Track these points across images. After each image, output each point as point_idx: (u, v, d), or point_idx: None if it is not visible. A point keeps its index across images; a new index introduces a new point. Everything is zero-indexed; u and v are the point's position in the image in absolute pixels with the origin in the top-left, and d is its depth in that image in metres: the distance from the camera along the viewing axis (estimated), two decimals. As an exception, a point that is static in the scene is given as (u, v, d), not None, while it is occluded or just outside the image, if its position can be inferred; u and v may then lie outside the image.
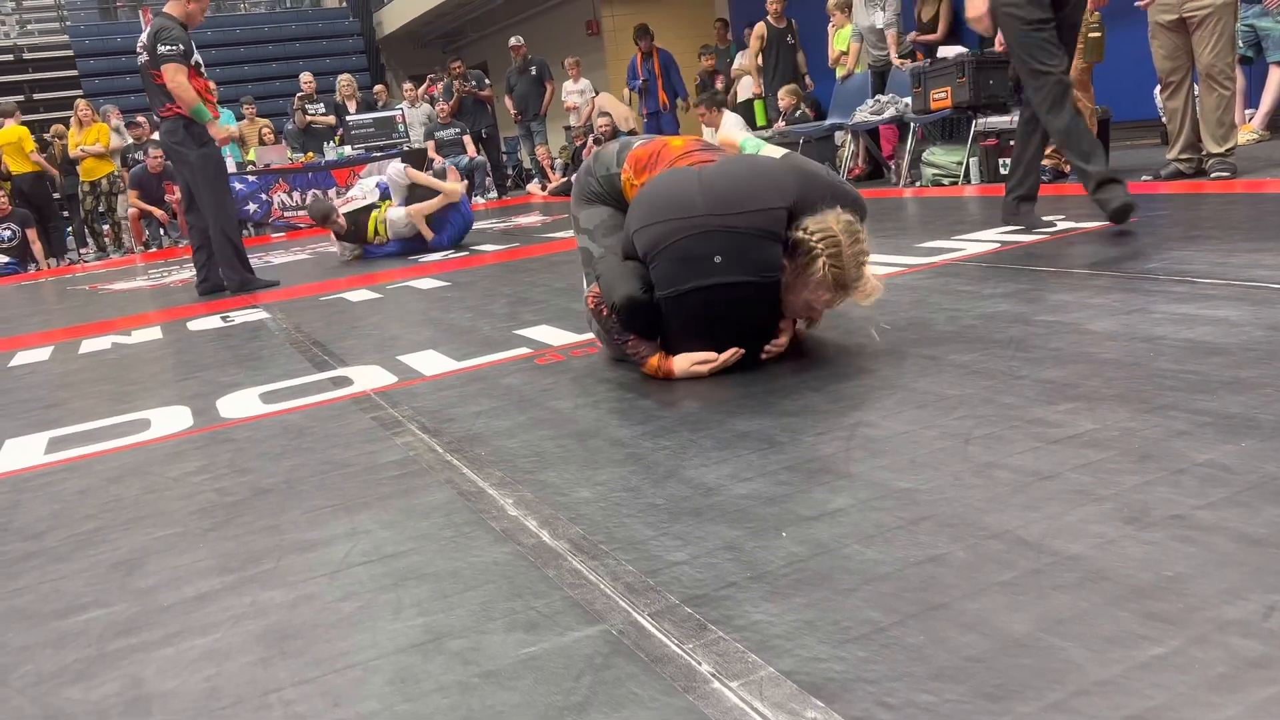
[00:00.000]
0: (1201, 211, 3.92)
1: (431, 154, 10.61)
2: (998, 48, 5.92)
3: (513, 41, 11.48)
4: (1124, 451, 1.49)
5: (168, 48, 5.18)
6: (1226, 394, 1.68)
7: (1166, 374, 1.83)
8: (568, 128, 11.23)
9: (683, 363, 2.24)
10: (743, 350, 2.24)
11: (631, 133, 10.29)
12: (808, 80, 8.87)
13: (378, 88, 13.44)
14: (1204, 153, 4.79)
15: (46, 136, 11.14)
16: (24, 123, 10.54)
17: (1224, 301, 2.31)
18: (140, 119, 11.19)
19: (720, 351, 2.23)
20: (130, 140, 10.88)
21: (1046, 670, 0.98)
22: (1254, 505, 1.26)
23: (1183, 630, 1.01)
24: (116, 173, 10.58)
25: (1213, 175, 4.67)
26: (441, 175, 7.18)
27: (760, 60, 9.00)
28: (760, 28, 8.93)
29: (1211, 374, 1.80)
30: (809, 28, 9.86)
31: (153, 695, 1.17)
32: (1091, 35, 4.95)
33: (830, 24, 8.63)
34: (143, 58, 5.30)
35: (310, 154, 11.02)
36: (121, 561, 1.62)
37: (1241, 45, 5.65)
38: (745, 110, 9.99)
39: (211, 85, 5.51)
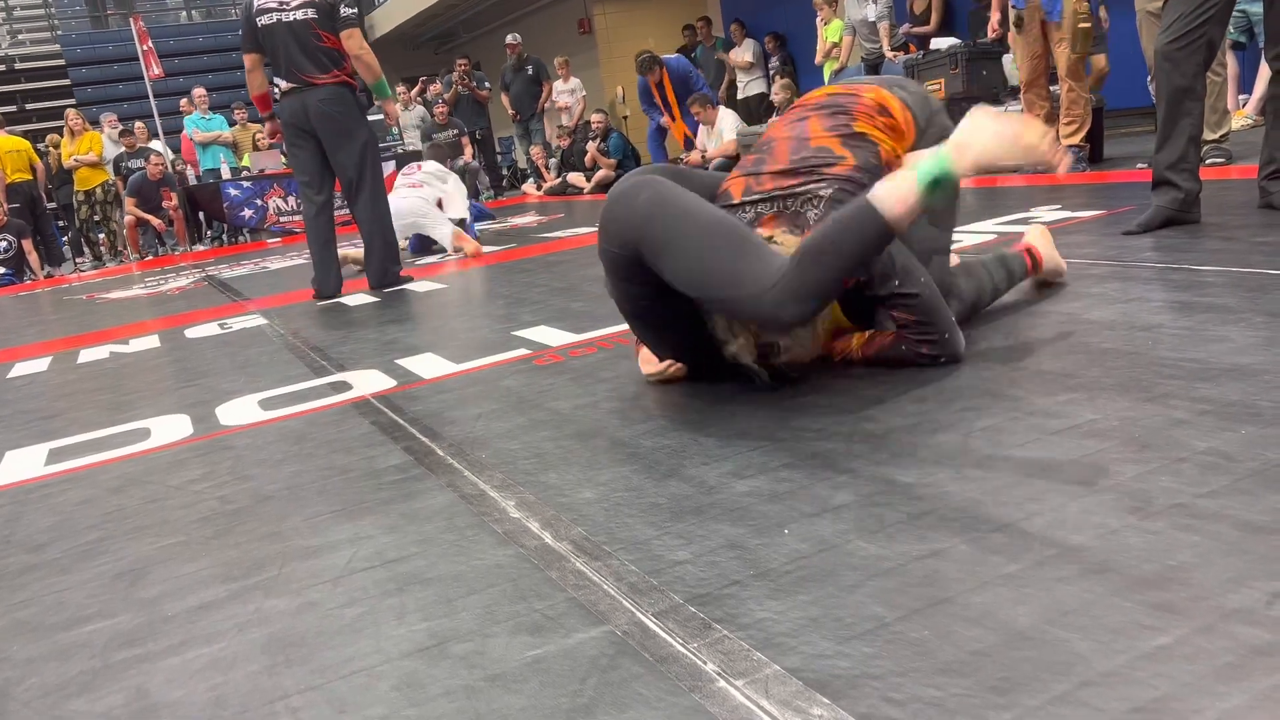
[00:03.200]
0: (1197, 198, 3.92)
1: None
2: (990, 36, 5.91)
3: (509, 39, 11.45)
4: (1125, 441, 1.49)
5: (352, 10, 4.48)
6: (1226, 381, 1.68)
7: (1166, 362, 1.83)
8: (560, 126, 11.19)
9: (644, 355, 2.24)
10: (682, 365, 2.17)
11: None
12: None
13: None
14: (1198, 139, 4.78)
15: (41, 146, 11.13)
16: (15, 133, 10.54)
17: (1222, 288, 2.31)
18: (140, 125, 11.20)
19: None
20: (123, 149, 10.87)
21: (1052, 662, 0.98)
22: (1256, 492, 1.26)
23: (1187, 620, 1.01)
24: (110, 181, 10.57)
25: (1207, 161, 4.66)
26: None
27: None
28: None
29: (1211, 361, 1.80)
30: (798, 21, 9.86)
31: (159, 705, 1.17)
32: (1080, 26, 4.95)
33: (818, 18, 8.63)
34: (301, 14, 4.56)
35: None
36: (125, 572, 1.62)
37: (1234, 31, 5.65)
38: (744, 106, 10.01)
39: None
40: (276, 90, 4.81)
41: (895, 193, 1.68)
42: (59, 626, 1.44)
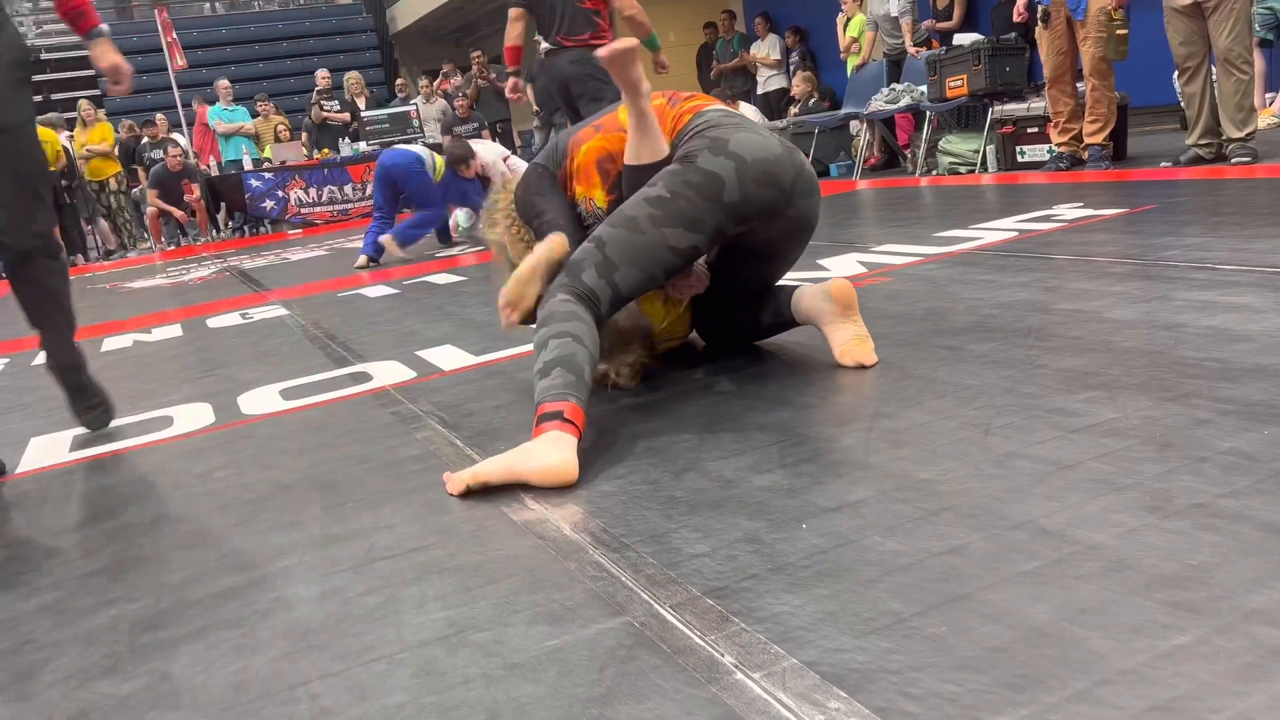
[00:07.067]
0: (1222, 197, 3.89)
1: None
2: (1015, 19, 5.85)
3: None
4: (1146, 440, 1.48)
5: None
6: (1249, 381, 1.67)
7: (1188, 362, 1.82)
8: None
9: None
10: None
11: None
12: None
13: (400, 81, 13.49)
14: (1224, 138, 4.75)
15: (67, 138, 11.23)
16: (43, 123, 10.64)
17: (1245, 288, 2.30)
18: (160, 118, 11.28)
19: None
20: (146, 139, 10.95)
21: (1070, 660, 0.98)
22: (1278, 493, 1.25)
23: (1207, 619, 1.01)
24: (122, 173, 10.65)
25: (1233, 160, 4.63)
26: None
27: None
28: None
29: (1233, 361, 1.78)
30: (820, 16, 9.82)
31: (181, 689, 1.19)
32: (1118, 32, 4.92)
33: (840, 14, 8.59)
34: None
35: (326, 150, 11.07)
36: (148, 557, 1.63)
37: (1260, 28, 5.59)
38: (764, 102, 9.97)
39: None
40: (541, 49, 4.84)
41: None
42: (83, 611, 1.46)
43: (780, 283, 2.34)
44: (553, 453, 1.66)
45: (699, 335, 2.45)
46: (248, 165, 10.76)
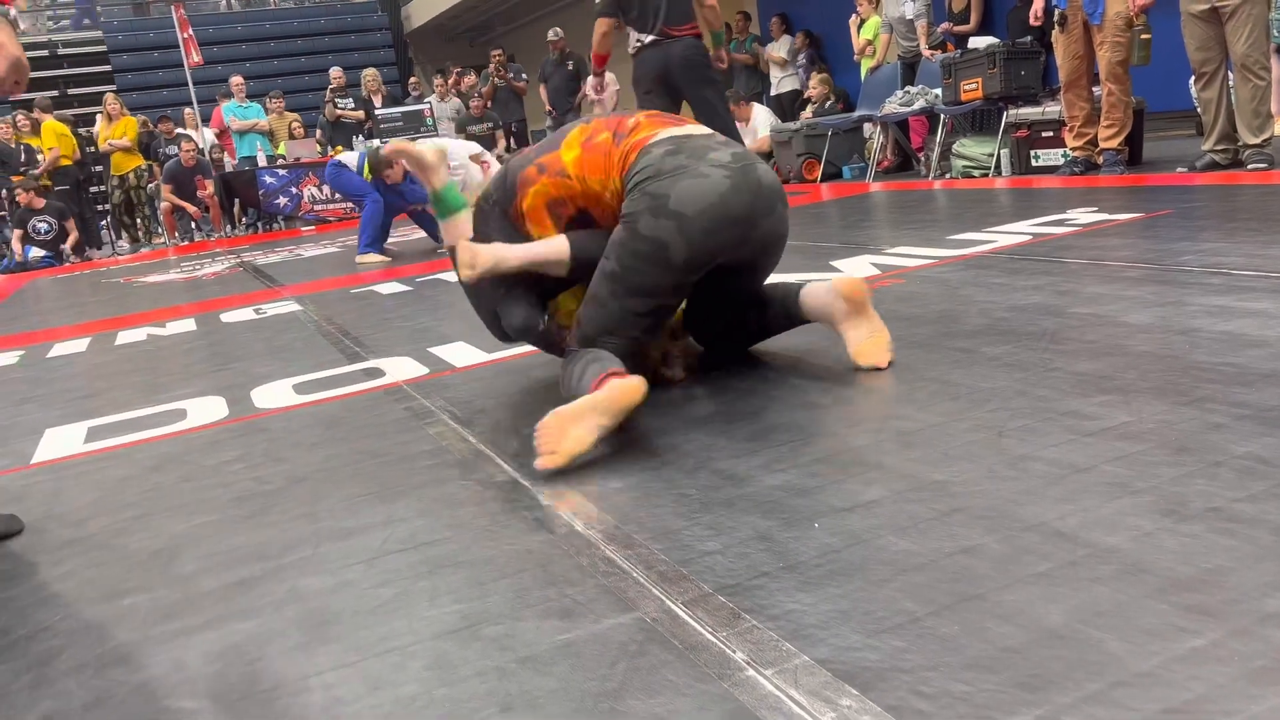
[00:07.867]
0: (1238, 203, 3.87)
1: None
2: (1032, 22, 5.83)
3: (551, 34, 11.40)
4: (1161, 444, 1.48)
5: None
6: (1265, 386, 1.66)
7: (1203, 366, 1.81)
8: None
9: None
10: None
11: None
12: None
13: (413, 79, 13.53)
14: (1240, 144, 4.73)
15: (84, 132, 11.30)
16: (58, 118, 10.71)
17: (1261, 293, 2.29)
18: (187, 112, 11.35)
19: None
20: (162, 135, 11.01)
21: (1084, 662, 0.97)
22: (1294, 498, 1.25)
23: (1222, 623, 1.01)
24: (144, 167, 10.71)
25: (1249, 166, 4.60)
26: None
27: None
28: None
29: (1249, 366, 1.78)
30: (834, 18, 9.80)
31: (196, 678, 1.19)
32: (1141, 37, 4.90)
33: (853, 17, 8.57)
34: None
35: (339, 148, 11.10)
36: (163, 548, 1.64)
37: (1278, 34, 5.55)
38: (776, 103, 9.97)
39: None
40: (637, 43, 4.98)
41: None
42: (99, 599, 1.47)
43: (785, 280, 2.33)
44: (619, 378, 1.79)
45: (695, 340, 2.42)
46: (262, 162, 10.80)
